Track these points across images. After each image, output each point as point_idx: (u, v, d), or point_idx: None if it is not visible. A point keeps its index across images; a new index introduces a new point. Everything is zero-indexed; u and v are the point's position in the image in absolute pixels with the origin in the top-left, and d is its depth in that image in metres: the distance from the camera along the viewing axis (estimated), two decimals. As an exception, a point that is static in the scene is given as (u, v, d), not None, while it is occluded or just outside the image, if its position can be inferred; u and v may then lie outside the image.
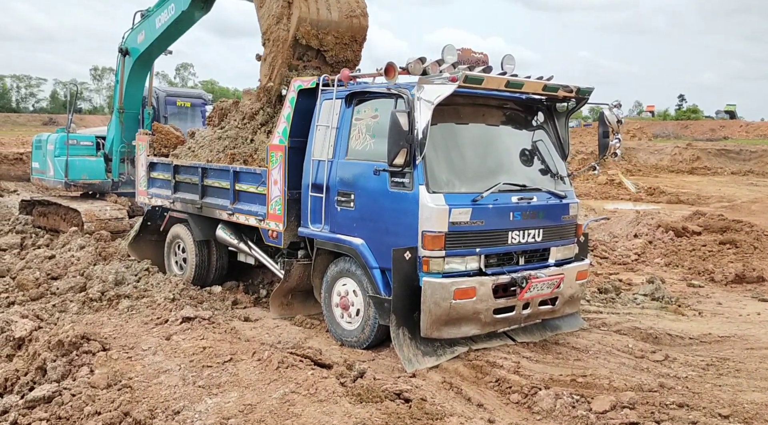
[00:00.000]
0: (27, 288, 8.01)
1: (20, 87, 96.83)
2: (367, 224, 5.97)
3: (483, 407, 4.83)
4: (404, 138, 5.29)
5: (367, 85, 6.23)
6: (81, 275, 8.52)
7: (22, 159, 23.41)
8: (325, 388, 4.64)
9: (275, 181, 6.83)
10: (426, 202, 5.45)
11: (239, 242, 7.89)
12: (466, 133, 6.23)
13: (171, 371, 5.15)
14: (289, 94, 6.86)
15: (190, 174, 8.38)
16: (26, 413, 4.59)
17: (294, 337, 6.39)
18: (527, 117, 6.66)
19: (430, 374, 5.39)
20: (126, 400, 4.57)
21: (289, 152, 6.71)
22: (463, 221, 5.51)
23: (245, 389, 4.75)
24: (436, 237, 5.43)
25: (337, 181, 6.25)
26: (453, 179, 5.77)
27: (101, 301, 7.55)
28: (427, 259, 5.45)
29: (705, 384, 5.28)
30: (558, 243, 6.27)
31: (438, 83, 5.41)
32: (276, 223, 6.88)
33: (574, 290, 6.37)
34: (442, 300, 5.39)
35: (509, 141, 6.49)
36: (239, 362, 5.23)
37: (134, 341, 5.92)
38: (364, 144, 6.11)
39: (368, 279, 5.93)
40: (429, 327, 5.45)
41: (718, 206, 18.51)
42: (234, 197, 7.55)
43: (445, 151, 5.83)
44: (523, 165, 6.37)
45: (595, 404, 4.76)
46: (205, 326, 6.26)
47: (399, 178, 5.64)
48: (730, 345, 6.36)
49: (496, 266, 5.80)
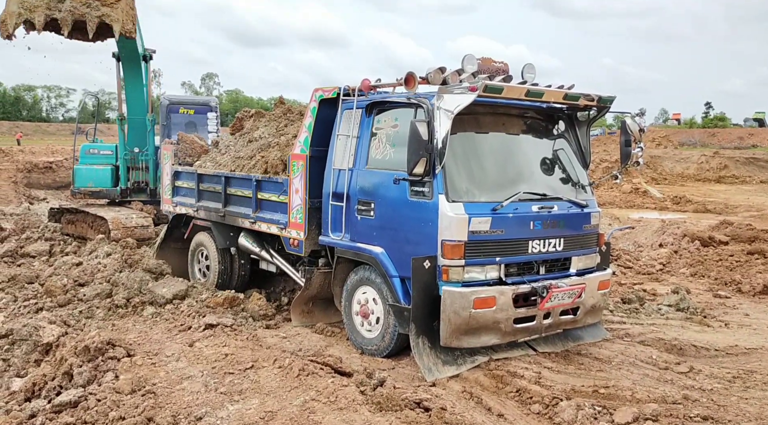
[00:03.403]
0: (55, 294, 8.17)
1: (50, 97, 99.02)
2: (387, 232, 5.99)
3: (503, 417, 4.81)
4: (423, 147, 5.31)
5: (387, 95, 6.27)
6: (107, 282, 8.65)
7: (52, 168, 23.91)
8: (345, 396, 4.66)
9: (296, 190, 6.88)
10: (445, 211, 5.45)
11: (261, 250, 7.96)
12: (486, 142, 6.22)
13: (194, 377, 5.21)
14: (310, 103, 6.90)
15: (214, 183, 8.48)
16: (53, 417, 4.69)
17: (315, 345, 6.42)
18: (548, 126, 6.64)
19: (450, 383, 5.38)
20: (150, 406, 4.64)
21: (311, 161, 6.76)
22: (483, 230, 5.49)
23: (266, 396, 4.79)
24: (455, 246, 5.42)
25: (357, 190, 6.29)
26: (473, 188, 5.76)
27: (126, 307, 7.69)
28: (447, 268, 5.44)
29: (731, 397, 5.19)
30: (579, 252, 6.22)
31: (458, 93, 5.42)
32: (297, 231, 6.93)
33: (596, 300, 6.31)
34: (461, 309, 5.37)
35: (530, 150, 6.46)
36: (260, 369, 5.28)
37: (158, 347, 6.01)
38: (384, 153, 6.14)
39: (388, 288, 5.94)
40: (448, 336, 5.44)
41: (746, 215, 18.16)
42: (256, 206, 7.62)
43: (465, 160, 5.82)
44: (543, 174, 6.34)
45: (617, 415, 4.70)
46: (227, 333, 6.34)
47: (419, 187, 5.66)
48: (757, 358, 6.23)
49: (517, 275, 5.76)
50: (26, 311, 7.67)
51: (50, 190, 22.49)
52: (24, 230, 12.45)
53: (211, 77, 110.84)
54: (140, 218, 11.51)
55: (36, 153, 29.61)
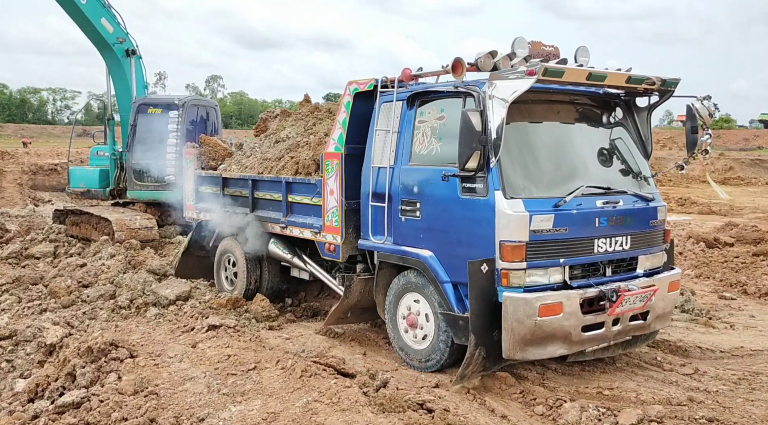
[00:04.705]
0: (59, 296, 8.20)
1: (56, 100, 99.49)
2: (436, 234, 5.54)
3: (506, 418, 4.78)
4: (477, 139, 4.88)
5: (431, 85, 5.82)
6: (111, 283, 8.67)
7: (57, 170, 23.99)
8: (347, 397, 4.65)
9: (331, 191, 6.46)
10: (503, 209, 4.99)
11: (293, 257, 7.53)
12: (540, 132, 5.72)
13: (196, 378, 5.21)
14: (344, 97, 6.47)
15: (240, 187, 8.10)
16: (56, 418, 4.70)
17: (318, 346, 6.41)
18: (604, 113, 6.05)
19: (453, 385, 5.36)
20: (152, 407, 4.64)
21: (346, 159, 6.34)
22: (545, 228, 5.03)
23: (269, 397, 4.78)
24: (515, 247, 4.96)
25: (400, 189, 5.85)
26: (531, 182, 5.28)
27: (130, 309, 7.69)
28: (506, 271, 4.98)
29: (736, 399, 5.15)
30: (646, 251, 5.71)
31: (513, 78, 4.96)
32: (333, 235, 6.54)
33: (666, 304, 5.79)
34: (525, 317, 4.87)
35: (587, 140, 5.91)
36: (263, 370, 5.27)
37: (161, 348, 6.01)
38: (429, 148, 5.69)
39: (439, 294, 5.49)
40: (512, 347, 4.96)
41: (752, 216, 18.07)
42: (287, 210, 7.25)
43: (519, 153, 5.33)
44: (603, 166, 5.81)
45: (621, 417, 4.68)
46: (230, 334, 6.33)
47: (471, 183, 5.20)
48: (763, 359, 6.19)
49: (581, 278, 5.26)
50: (30, 312, 7.70)
51: (55, 192, 22.54)
52: (29, 232, 12.52)
53: (215, 79, 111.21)
54: (144, 219, 11.52)
55: (41, 155, 29.74)
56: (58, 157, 28.00)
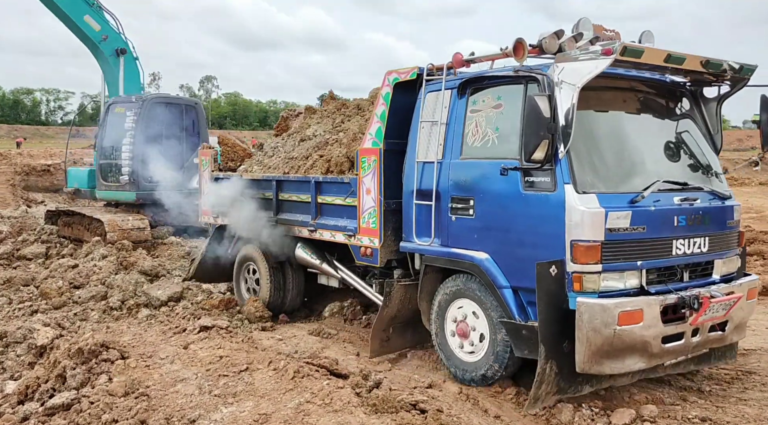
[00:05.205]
0: (50, 297, 8.16)
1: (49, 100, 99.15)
2: (493, 234, 5.09)
3: (500, 418, 4.77)
4: (545, 127, 4.45)
5: (484, 71, 5.42)
6: (102, 284, 8.64)
7: (50, 171, 23.86)
8: (340, 398, 4.62)
9: (368, 190, 6.00)
10: (575, 204, 4.54)
11: (322, 263, 7.04)
12: (607, 122, 5.24)
13: (188, 380, 5.17)
14: (382, 88, 6.01)
15: (263, 188, 7.60)
16: (45, 420, 4.66)
17: (311, 347, 6.38)
18: (671, 104, 5.60)
19: (446, 385, 5.33)
20: (143, 408, 4.60)
21: (385, 155, 5.90)
22: (622, 227, 4.58)
23: (260, 398, 4.75)
24: (590, 247, 4.51)
25: (450, 185, 5.40)
26: (602, 176, 4.84)
27: (121, 310, 7.66)
28: (579, 275, 4.53)
29: (729, 398, 5.15)
30: (722, 255, 5.24)
31: (585, 59, 4.56)
32: (370, 238, 6.04)
33: (745, 313, 5.31)
34: (603, 326, 4.41)
35: (655, 132, 5.44)
36: (255, 371, 5.24)
37: (152, 349, 5.97)
38: (484, 140, 5.23)
39: (497, 301, 5.05)
40: (587, 360, 4.48)
41: (746, 217, 18.12)
42: (316, 211, 6.75)
43: (588, 143, 4.87)
44: (672, 160, 5.33)
45: (614, 417, 4.67)
46: (222, 335, 6.30)
47: (536, 177, 4.76)
48: (756, 359, 6.19)
49: (657, 283, 4.81)
50: (21, 313, 7.66)
51: (48, 193, 22.42)
52: (20, 233, 12.46)
53: (209, 80, 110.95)
54: (136, 220, 11.48)
55: (34, 156, 29.56)
56: (51, 158, 27.81)
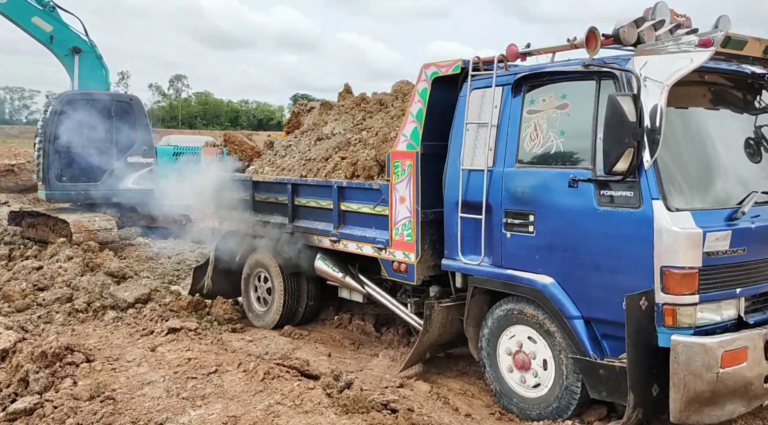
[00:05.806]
0: (13, 299, 7.95)
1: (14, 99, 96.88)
2: (560, 255, 4.44)
3: (471, 417, 4.79)
4: (631, 133, 3.83)
5: (543, 66, 4.77)
6: (68, 286, 8.44)
7: (14, 171, 23.33)
8: (310, 399, 4.59)
9: (402, 198, 5.37)
10: (665, 224, 3.88)
11: (345, 276, 6.40)
12: (693, 124, 4.54)
13: (155, 382, 5.09)
14: (419, 84, 5.37)
15: (276, 192, 6.91)
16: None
17: (282, 348, 6.32)
18: (750, 98, 4.85)
19: (417, 384, 5.32)
20: (108, 412, 4.51)
21: (422, 159, 5.28)
22: (722, 250, 3.94)
23: (230, 401, 4.69)
24: (686, 275, 3.86)
25: (504, 197, 4.74)
26: (694, 189, 4.22)
27: (87, 312, 7.50)
28: (671, 307, 3.90)
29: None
30: None
31: (675, 52, 3.93)
32: (405, 252, 5.40)
33: None
34: (705, 370, 3.77)
35: (740, 133, 4.73)
36: (224, 373, 5.17)
37: (119, 352, 5.86)
38: (546, 145, 4.57)
39: (565, 333, 4.41)
40: (684, 409, 3.85)
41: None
42: (339, 220, 6.11)
43: (676, 150, 4.21)
44: (761, 166, 4.66)
45: (588, 415, 4.71)
46: (191, 337, 6.21)
47: (615, 190, 4.11)
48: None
49: (753, 311, 4.22)
50: (-18, 317, 7.44)
51: (12, 193, 21.90)
52: (-18, 235, 12.12)
53: (179, 79, 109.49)
54: (103, 221, 11.29)
55: (-3, 156, 28.88)
56: (16, 158, 27.19)
